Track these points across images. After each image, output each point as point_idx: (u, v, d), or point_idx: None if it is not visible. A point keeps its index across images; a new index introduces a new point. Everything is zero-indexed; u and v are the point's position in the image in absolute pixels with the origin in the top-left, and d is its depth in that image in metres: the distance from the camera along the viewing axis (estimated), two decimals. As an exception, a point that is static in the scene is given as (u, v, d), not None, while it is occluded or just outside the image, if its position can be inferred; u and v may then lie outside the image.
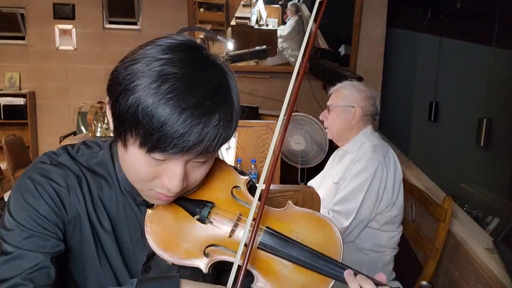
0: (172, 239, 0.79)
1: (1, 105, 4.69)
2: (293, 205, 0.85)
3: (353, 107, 1.90)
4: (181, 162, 0.71)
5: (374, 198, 1.80)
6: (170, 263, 0.79)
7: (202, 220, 0.80)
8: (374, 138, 1.93)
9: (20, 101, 4.73)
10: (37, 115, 4.94)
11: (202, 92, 0.67)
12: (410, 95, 4.97)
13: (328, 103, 1.98)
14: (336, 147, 2.09)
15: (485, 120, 3.21)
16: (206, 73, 0.70)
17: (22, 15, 4.74)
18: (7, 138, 3.60)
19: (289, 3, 4.77)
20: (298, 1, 4.77)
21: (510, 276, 1.73)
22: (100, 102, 2.47)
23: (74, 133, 3.57)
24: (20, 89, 4.83)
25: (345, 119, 1.92)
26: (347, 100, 1.92)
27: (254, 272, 0.78)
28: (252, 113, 4.08)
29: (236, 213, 0.81)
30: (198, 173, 0.76)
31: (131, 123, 0.67)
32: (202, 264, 0.77)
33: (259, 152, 2.41)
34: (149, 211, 0.81)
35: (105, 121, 2.25)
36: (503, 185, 3.23)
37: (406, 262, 2.25)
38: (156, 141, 0.66)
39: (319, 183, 2.11)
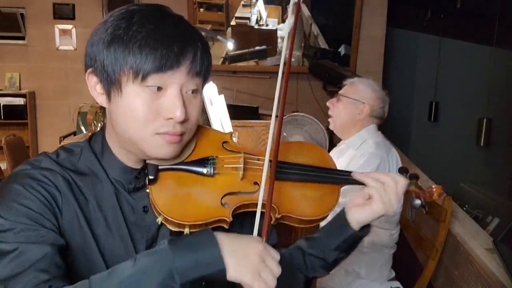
0: (186, 204, 0.81)
1: (1, 105, 4.69)
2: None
3: (363, 103, 1.89)
4: (176, 87, 0.75)
5: None
6: (188, 231, 0.78)
7: (210, 174, 0.83)
8: (377, 136, 1.92)
9: (20, 101, 4.73)
10: (37, 115, 4.94)
11: (177, 20, 0.78)
12: (410, 95, 4.98)
13: (340, 92, 1.96)
14: (335, 144, 2.08)
15: (485, 120, 3.21)
16: (167, 10, 0.80)
17: (22, 15, 4.74)
18: (7, 138, 3.59)
19: (290, 3, 4.76)
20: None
21: (510, 276, 1.73)
22: (100, 102, 2.47)
23: (74, 133, 3.56)
24: (20, 89, 4.82)
25: (352, 112, 1.91)
26: (359, 94, 1.90)
27: (274, 202, 0.83)
28: (252, 113, 4.08)
29: (239, 158, 0.86)
30: (194, 104, 0.79)
31: (120, 62, 0.73)
32: (225, 214, 0.80)
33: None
34: (153, 187, 0.80)
35: (105, 121, 2.25)
36: (503, 185, 3.23)
37: (406, 262, 2.25)
38: (145, 63, 0.72)
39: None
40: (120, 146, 0.82)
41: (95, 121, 2.29)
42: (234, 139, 0.94)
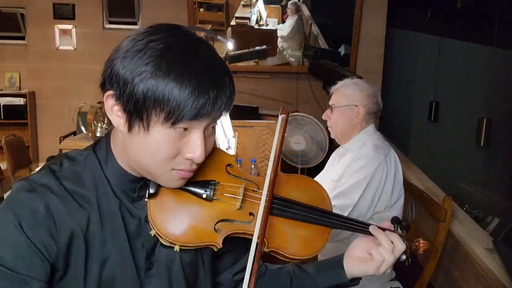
0: (180, 224, 0.82)
1: (1, 105, 4.69)
2: (281, 172, 0.96)
3: (356, 106, 1.88)
4: (201, 129, 0.76)
5: (371, 198, 1.79)
6: (178, 249, 0.81)
7: (209, 198, 0.84)
8: (376, 138, 1.91)
9: (20, 101, 4.73)
10: (37, 115, 4.94)
11: (210, 60, 0.75)
12: (410, 95, 4.98)
13: (330, 103, 1.95)
14: (336, 146, 2.08)
15: (485, 120, 3.21)
16: (200, 45, 0.77)
17: (22, 15, 4.74)
18: (7, 138, 3.59)
19: (290, 2, 4.77)
20: (298, 0, 4.77)
21: (510, 276, 1.73)
22: (100, 102, 2.46)
23: (74, 133, 3.56)
24: (20, 89, 4.83)
25: (349, 118, 1.90)
26: (349, 99, 1.89)
27: (265, 236, 0.85)
28: (252, 113, 4.08)
29: (240, 186, 0.87)
30: (210, 142, 0.81)
31: (154, 102, 0.71)
32: (215, 240, 0.82)
33: (259, 152, 2.41)
34: (151, 201, 0.82)
35: (105, 121, 2.24)
36: (503, 185, 3.23)
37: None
38: (181, 111, 0.71)
39: (320, 182, 2.11)
40: (128, 163, 0.82)
41: (95, 121, 2.29)
42: (234, 139, 0.94)
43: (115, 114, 0.76)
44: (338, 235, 1.78)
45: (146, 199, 0.82)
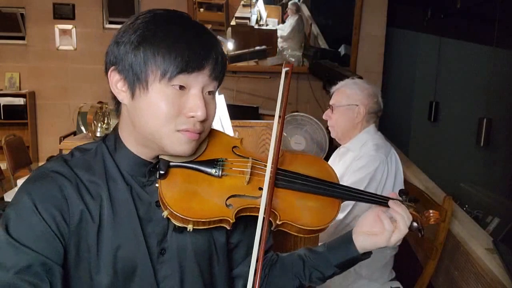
0: (192, 201, 0.84)
1: (1, 105, 4.69)
2: (287, 152, 1.00)
3: (357, 105, 1.89)
4: (199, 87, 0.80)
5: None
6: (191, 228, 0.81)
7: (219, 175, 0.87)
8: (377, 137, 1.92)
9: (20, 101, 4.73)
10: (37, 115, 4.94)
11: (195, 24, 0.83)
12: (410, 95, 4.98)
13: (331, 102, 1.96)
14: (336, 146, 2.08)
15: (485, 120, 3.21)
16: (187, 16, 0.84)
17: (22, 15, 4.74)
18: (7, 138, 3.59)
19: (290, 2, 4.77)
20: (298, 0, 4.77)
21: (510, 276, 1.73)
22: (100, 102, 2.46)
23: (74, 133, 3.56)
24: (20, 89, 4.83)
25: (349, 118, 1.90)
26: (350, 99, 1.90)
27: (275, 208, 0.88)
28: (252, 113, 4.08)
29: (247, 163, 0.90)
30: (212, 106, 0.85)
31: (149, 62, 0.77)
32: (228, 214, 0.83)
33: (259, 152, 2.41)
34: (163, 182, 0.84)
35: (105, 121, 2.24)
36: (503, 185, 3.23)
37: (406, 262, 2.25)
38: (174, 65, 0.77)
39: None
40: (137, 141, 0.85)
41: (95, 121, 2.29)
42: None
43: (120, 89, 0.82)
44: (337, 227, 1.78)
45: (156, 183, 0.85)
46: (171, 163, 0.85)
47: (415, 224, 0.95)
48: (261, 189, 0.87)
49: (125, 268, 0.82)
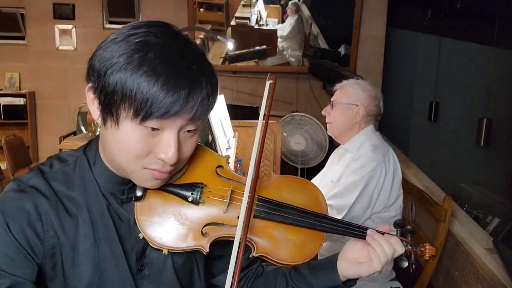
0: (168, 227, 0.80)
1: (1, 105, 4.69)
2: (274, 174, 0.93)
3: (357, 105, 1.89)
4: (174, 130, 0.72)
5: (369, 198, 1.78)
6: (167, 252, 0.80)
7: (196, 201, 0.82)
8: (375, 138, 1.91)
9: (20, 101, 4.73)
10: (37, 115, 4.94)
11: (188, 60, 0.72)
12: (410, 95, 4.97)
13: (332, 99, 1.96)
14: (336, 146, 2.08)
15: (485, 120, 3.21)
16: (186, 45, 0.74)
17: (22, 15, 4.74)
18: (7, 138, 3.59)
19: (290, 2, 4.77)
20: (298, 0, 4.77)
21: (510, 276, 1.73)
22: (100, 102, 2.47)
23: (74, 133, 3.57)
24: (20, 89, 4.83)
25: (348, 116, 1.90)
26: (351, 98, 1.90)
27: (253, 241, 0.84)
28: (252, 113, 4.08)
29: (228, 189, 0.84)
30: (189, 144, 0.77)
31: (122, 95, 0.69)
32: (202, 244, 0.80)
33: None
34: (138, 204, 0.81)
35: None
36: (503, 185, 3.23)
37: (406, 262, 2.25)
38: (149, 107, 0.68)
39: (319, 182, 2.11)
40: (111, 163, 0.82)
41: (95, 121, 2.29)
42: (234, 139, 0.94)
43: (95, 107, 0.76)
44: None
45: (133, 202, 0.82)
46: None
47: (405, 263, 0.89)
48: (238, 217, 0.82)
49: (104, 285, 0.81)
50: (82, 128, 2.59)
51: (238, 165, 2.30)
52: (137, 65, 0.68)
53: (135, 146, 0.72)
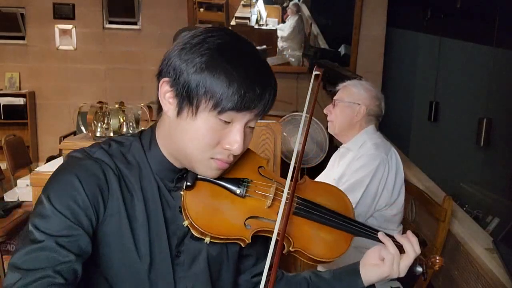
0: (213, 216, 0.86)
1: (1, 105, 4.69)
2: (309, 178, 1.01)
3: (358, 104, 1.91)
4: (242, 123, 0.81)
5: (373, 195, 1.80)
6: (209, 241, 0.84)
7: (242, 195, 0.89)
8: (376, 137, 1.93)
9: (20, 101, 4.73)
10: (37, 115, 4.94)
11: (259, 61, 0.83)
12: (410, 95, 4.97)
13: (334, 98, 1.98)
14: (336, 146, 2.09)
15: (485, 120, 3.21)
16: (252, 47, 0.84)
17: (22, 15, 4.74)
18: (7, 138, 3.59)
19: (290, 3, 4.77)
20: (299, 0, 4.77)
21: (510, 276, 1.73)
22: (100, 102, 2.46)
23: (74, 133, 3.56)
24: (20, 89, 4.83)
25: (349, 115, 1.92)
26: (353, 97, 1.92)
27: (290, 234, 0.89)
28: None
29: (271, 186, 0.91)
30: (248, 139, 0.86)
31: (205, 91, 0.77)
32: (244, 235, 0.85)
33: (259, 152, 2.41)
34: (188, 193, 0.86)
35: (105, 121, 2.24)
36: (503, 185, 3.23)
37: (406, 262, 2.25)
38: (228, 102, 0.77)
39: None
40: (170, 151, 0.87)
41: (95, 121, 2.28)
42: None
43: (167, 100, 0.83)
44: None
45: (182, 191, 0.86)
46: (199, 176, 0.88)
47: (419, 268, 0.97)
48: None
49: (148, 263, 0.86)
50: (82, 128, 2.58)
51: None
52: (220, 63, 0.77)
53: (208, 135, 0.80)
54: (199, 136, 0.80)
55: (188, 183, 0.86)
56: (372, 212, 1.83)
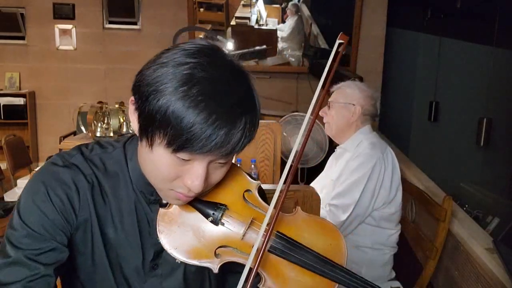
0: (184, 239, 0.82)
1: (1, 105, 4.69)
2: (301, 210, 0.89)
3: (354, 105, 1.93)
4: (204, 162, 0.73)
5: (370, 194, 1.82)
6: (180, 261, 0.81)
7: (215, 222, 0.82)
8: (372, 137, 1.95)
9: (20, 101, 4.73)
10: (37, 115, 4.94)
11: (232, 98, 0.71)
12: (410, 95, 4.97)
13: (329, 100, 2.01)
14: (336, 146, 2.10)
15: (485, 120, 3.21)
16: (234, 80, 0.73)
17: (22, 15, 4.74)
18: (7, 138, 3.59)
19: (290, 3, 4.77)
20: (298, 1, 4.77)
21: (510, 276, 1.73)
22: (100, 102, 2.46)
23: (74, 133, 3.57)
24: (20, 89, 4.83)
25: (345, 116, 1.95)
26: (348, 97, 1.95)
27: (263, 273, 0.82)
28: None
29: (249, 217, 0.83)
30: (217, 174, 0.78)
31: (159, 124, 0.69)
32: (213, 264, 0.80)
33: (259, 152, 2.41)
34: (161, 210, 0.83)
35: (105, 121, 2.25)
36: (503, 185, 3.23)
37: (406, 262, 2.25)
38: (184, 141, 0.68)
39: (320, 184, 2.12)
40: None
41: (95, 121, 2.29)
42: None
43: (135, 119, 0.76)
44: (339, 228, 1.79)
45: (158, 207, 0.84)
46: None
47: None
48: None
49: (118, 273, 0.85)
50: (82, 128, 2.59)
51: (238, 165, 2.30)
52: (179, 98, 0.67)
53: (165, 170, 0.74)
54: (156, 170, 0.75)
55: (164, 201, 0.83)
56: (370, 211, 1.85)
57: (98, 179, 0.83)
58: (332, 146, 2.40)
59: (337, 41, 0.92)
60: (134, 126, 0.77)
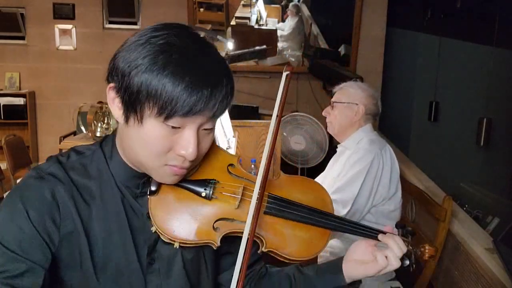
0: (179, 221, 0.83)
1: (1, 105, 4.69)
2: (283, 173, 0.97)
3: (357, 104, 1.96)
4: (194, 127, 0.76)
5: (369, 189, 1.84)
6: (178, 246, 0.82)
7: (208, 197, 0.85)
8: (372, 134, 1.99)
9: (20, 101, 4.73)
10: (37, 115, 4.94)
11: (212, 60, 0.76)
12: (410, 95, 4.97)
13: (332, 100, 2.03)
14: (336, 146, 2.11)
15: (485, 120, 3.21)
16: (207, 46, 0.78)
17: (22, 15, 4.74)
18: (7, 138, 3.59)
19: (290, 4, 4.77)
20: (298, 1, 4.77)
21: (510, 276, 1.73)
22: (100, 102, 2.47)
23: (74, 133, 3.57)
24: (20, 89, 4.82)
25: (348, 115, 1.97)
26: (351, 97, 1.97)
27: (262, 236, 0.87)
28: (252, 113, 4.08)
29: (239, 187, 0.87)
30: (206, 141, 0.81)
31: (147, 95, 0.72)
32: (214, 238, 0.83)
33: (259, 152, 2.41)
34: (152, 198, 0.83)
35: (105, 121, 2.25)
36: (503, 185, 3.24)
37: (406, 262, 2.25)
38: (173, 106, 0.71)
39: (322, 182, 2.13)
40: (129, 159, 0.84)
41: (95, 121, 2.29)
42: (234, 139, 0.95)
43: (116, 105, 0.78)
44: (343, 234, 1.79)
45: (148, 196, 0.84)
46: None
47: (407, 261, 0.92)
48: None
49: (115, 277, 0.83)
50: (82, 128, 2.59)
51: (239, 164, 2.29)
52: (162, 65, 0.71)
53: (157, 142, 0.75)
54: (149, 144, 0.75)
55: (152, 188, 0.83)
56: (369, 207, 1.87)
57: (78, 186, 0.81)
58: (332, 146, 2.41)
59: (284, 73, 0.98)
60: (115, 112, 0.79)
